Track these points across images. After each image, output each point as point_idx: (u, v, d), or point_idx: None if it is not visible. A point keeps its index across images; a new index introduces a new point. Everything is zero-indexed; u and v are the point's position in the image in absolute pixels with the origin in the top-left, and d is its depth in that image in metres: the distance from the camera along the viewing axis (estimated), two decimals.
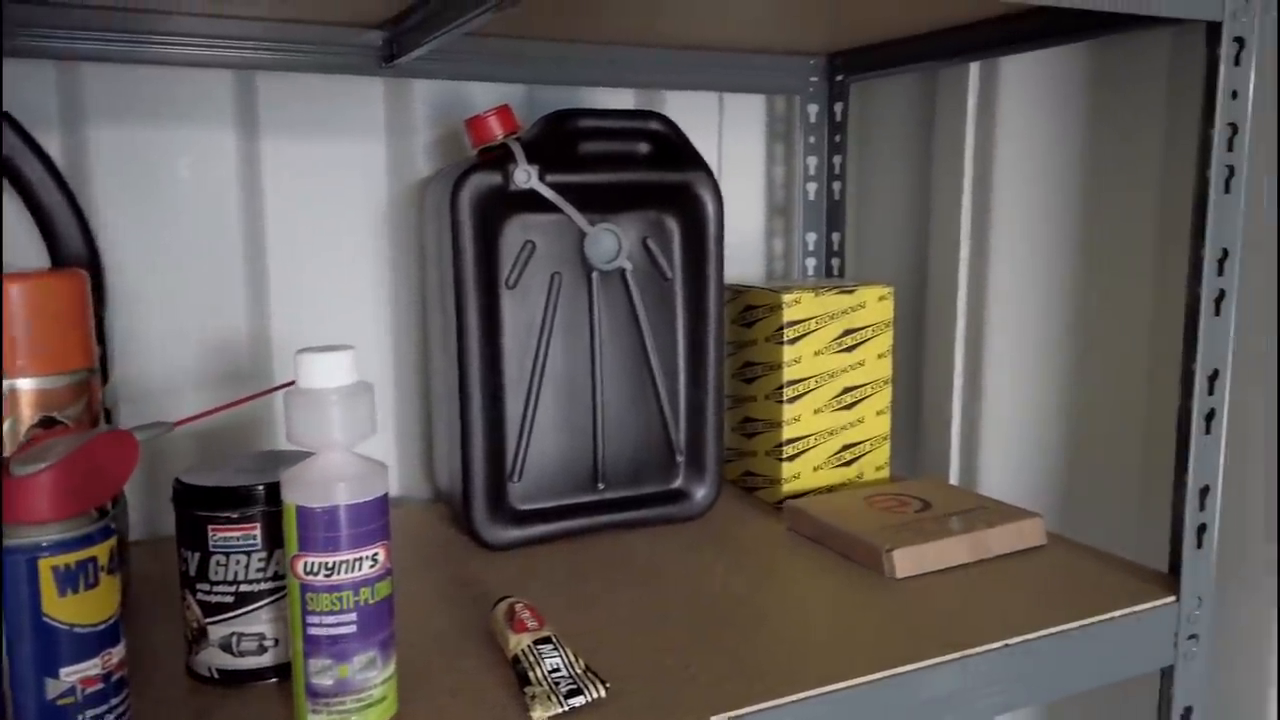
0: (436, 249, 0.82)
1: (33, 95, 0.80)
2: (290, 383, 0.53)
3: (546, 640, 0.59)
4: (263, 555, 0.58)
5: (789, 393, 0.90)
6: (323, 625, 0.51)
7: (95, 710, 0.48)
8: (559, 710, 0.54)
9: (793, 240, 1.11)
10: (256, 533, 0.57)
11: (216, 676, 0.59)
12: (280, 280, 0.90)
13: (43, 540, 0.46)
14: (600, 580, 0.75)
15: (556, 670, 0.57)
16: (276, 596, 0.58)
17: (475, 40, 0.90)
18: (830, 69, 1.06)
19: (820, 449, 0.92)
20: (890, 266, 1.11)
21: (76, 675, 0.47)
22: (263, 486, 0.57)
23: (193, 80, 0.85)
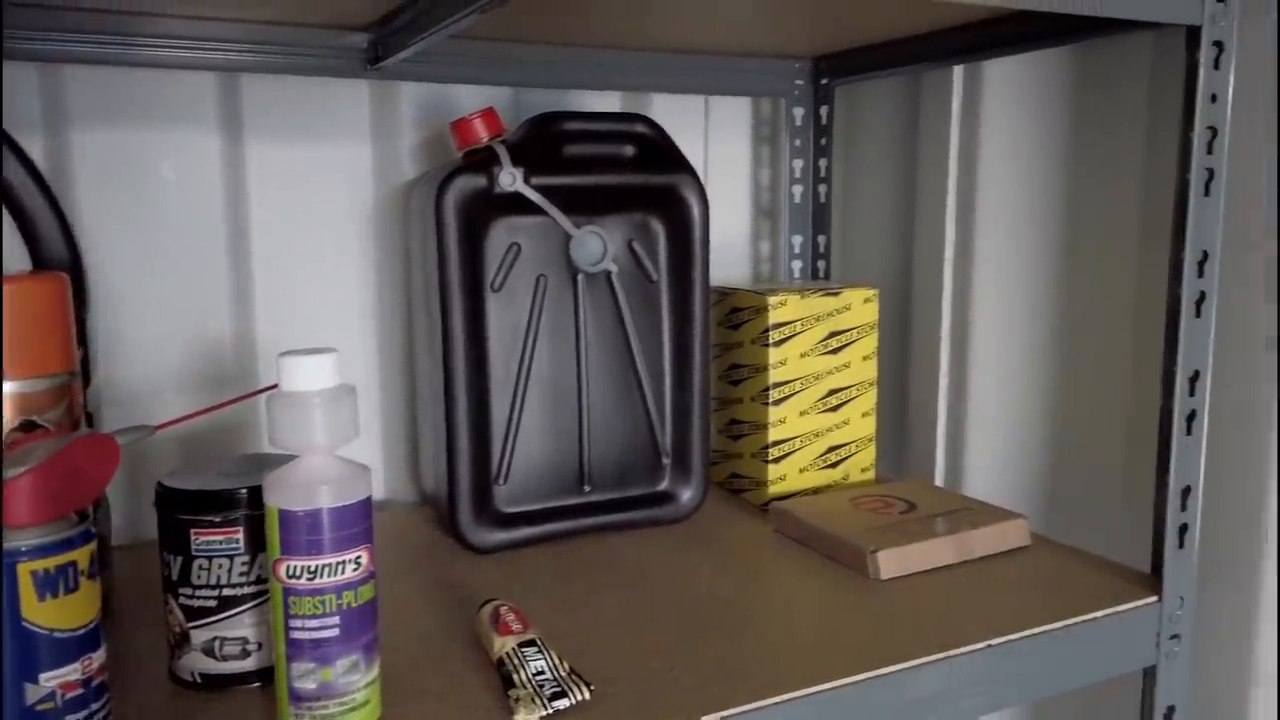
0: (421, 252, 0.82)
1: (15, 98, 0.80)
2: (272, 386, 0.53)
3: (531, 643, 0.59)
4: (245, 559, 0.57)
5: (775, 395, 0.90)
6: (305, 629, 0.51)
7: (75, 715, 0.48)
8: (543, 713, 0.54)
9: (779, 243, 1.12)
10: (239, 536, 0.57)
11: (199, 681, 0.58)
12: (265, 283, 0.90)
13: (21, 545, 0.46)
14: (586, 582, 0.75)
15: (541, 673, 0.57)
16: (259, 600, 0.58)
17: (461, 43, 0.90)
18: (816, 72, 1.06)
19: (806, 451, 0.92)
20: (876, 268, 1.11)
21: (56, 680, 0.47)
22: (245, 490, 0.57)
23: (177, 83, 0.85)
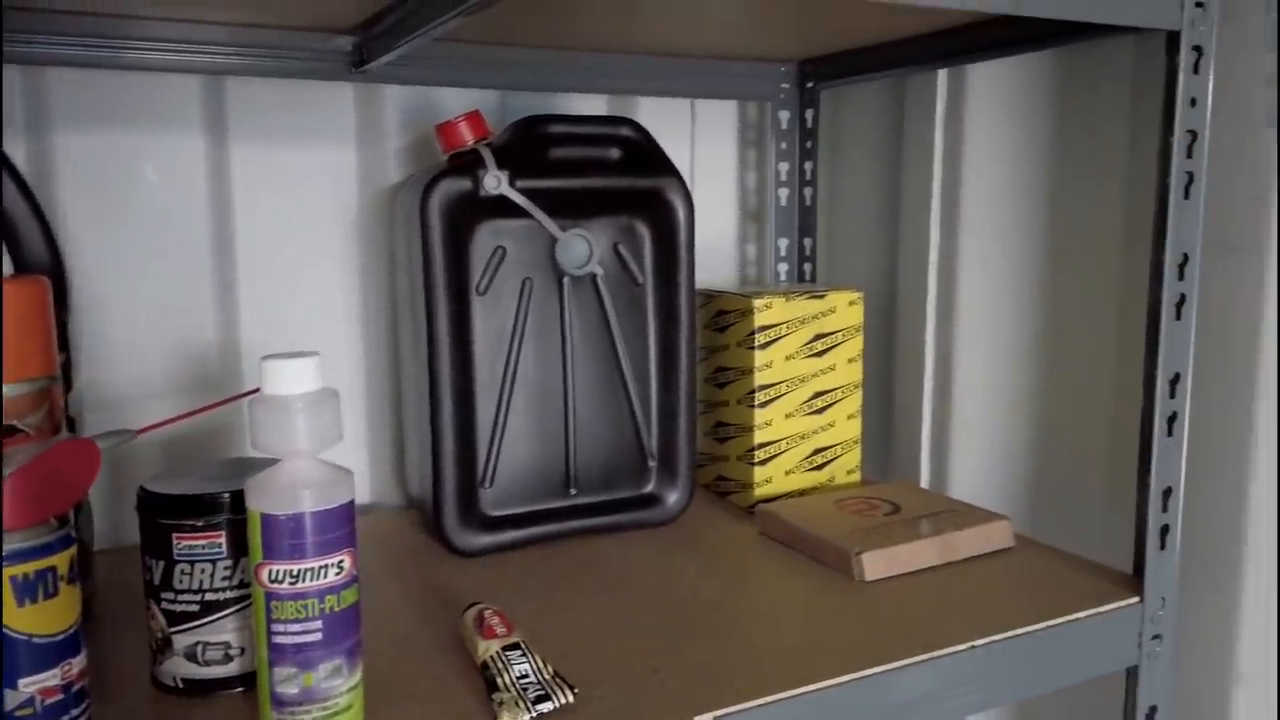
0: (407, 255, 0.82)
1: None
2: (255, 390, 0.52)
3: (515, 646, 0.59)
4: (228, 563, 0.57)
5: (760, 397, 0.90)
6: (287, 633, 0.51)
7: None
8: (527, 716, 0.54)
9: (765, 245, 1.12)
10: (221, 541, 0.57)
11: (181, 686, 0.58)
12: (249, 286, 0.90)
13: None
14: (571, 586, 0.75)
15: (525, 676, 0.57)
16: (242, 605, 0.58)
17: (446, 46, 0.90)
18: (801, 76, 1.07)
19: (792, 453, 0.93)
20: (862, 271, 1.12)
21: (35, 686, 0.47)
22: (228, 494, 0.57)
23: (161, 85, 0.85)
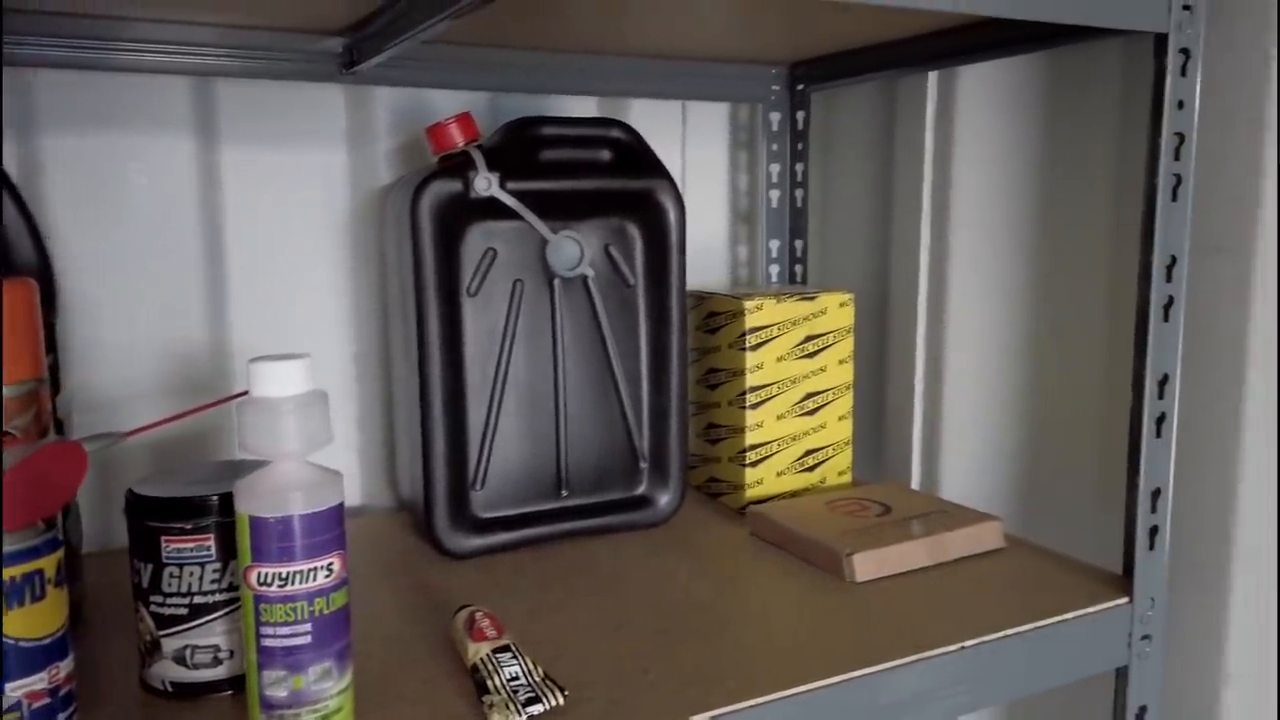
0: (397, 257, 0.82)
1: None
2: (243, 392, 0.52)
3: (505, 649, 0.59)
4: (217, 566, 0.57)
5: (752, 399, 0.90)
6: (277, 636, 0.51)
7: None
8: (517, 718, 0.54)
9: (756, 247, 1.12)
10: (210, 544, 0.57)
11: (170, 689, 0.58)
12: (240, 289, 0.90)
13: None
14: (563, 587, 0.75)
15: (515, 679, 0.57)
16: (231, 608, 0.58)
17: (437, 48, 0.90)
18: (792, 78, 1.07)
19: (783, 454, 0.93)
20: (853, 272, 1.12)
21: (22, 690, 0.47)
22: (217, 497, 0.57)
23: (150, 87, 0.84)
